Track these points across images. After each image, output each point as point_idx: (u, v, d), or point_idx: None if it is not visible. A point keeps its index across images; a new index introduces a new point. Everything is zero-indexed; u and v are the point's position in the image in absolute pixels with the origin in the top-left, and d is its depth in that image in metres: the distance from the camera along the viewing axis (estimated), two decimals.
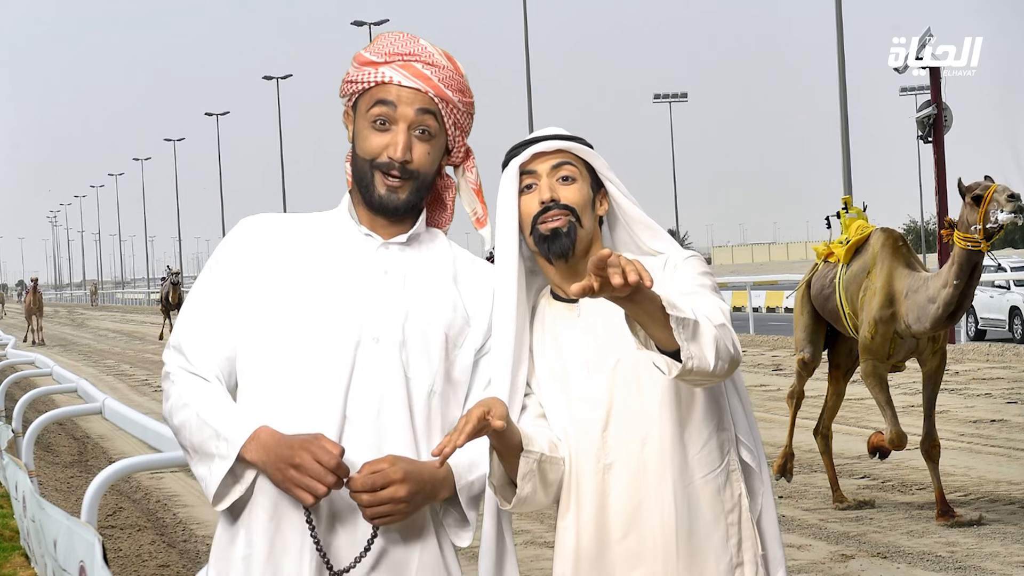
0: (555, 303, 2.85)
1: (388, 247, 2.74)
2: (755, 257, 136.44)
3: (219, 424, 2.59)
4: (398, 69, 2.72)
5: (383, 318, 2.66)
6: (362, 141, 2.73)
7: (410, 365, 2.66)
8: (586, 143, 2.84)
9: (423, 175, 2.72)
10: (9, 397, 11.71)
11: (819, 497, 8.99)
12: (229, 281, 2.72)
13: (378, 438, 2.60)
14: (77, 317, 60.53)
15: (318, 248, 2.74)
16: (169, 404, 2.68)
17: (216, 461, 2.58)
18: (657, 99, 78.65)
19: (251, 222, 2.80)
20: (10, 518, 8.78)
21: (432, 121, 2.72)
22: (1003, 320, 23.08)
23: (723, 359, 2.51)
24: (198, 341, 2.69)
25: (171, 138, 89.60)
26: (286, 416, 2.60)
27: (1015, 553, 7.23)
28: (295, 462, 2.50)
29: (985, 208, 7.60)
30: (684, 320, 2.43)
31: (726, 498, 2.74)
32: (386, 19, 52.37)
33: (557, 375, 2.79)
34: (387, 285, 2.70)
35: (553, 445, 2.75)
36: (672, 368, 2.45)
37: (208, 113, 76.61)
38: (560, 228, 2.74)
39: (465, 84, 2.79)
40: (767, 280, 33.51)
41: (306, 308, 2.66)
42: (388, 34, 2.79)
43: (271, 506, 2.59)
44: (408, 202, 2.72)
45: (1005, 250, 60.10)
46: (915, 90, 56.84)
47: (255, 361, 2.67)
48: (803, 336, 9.21)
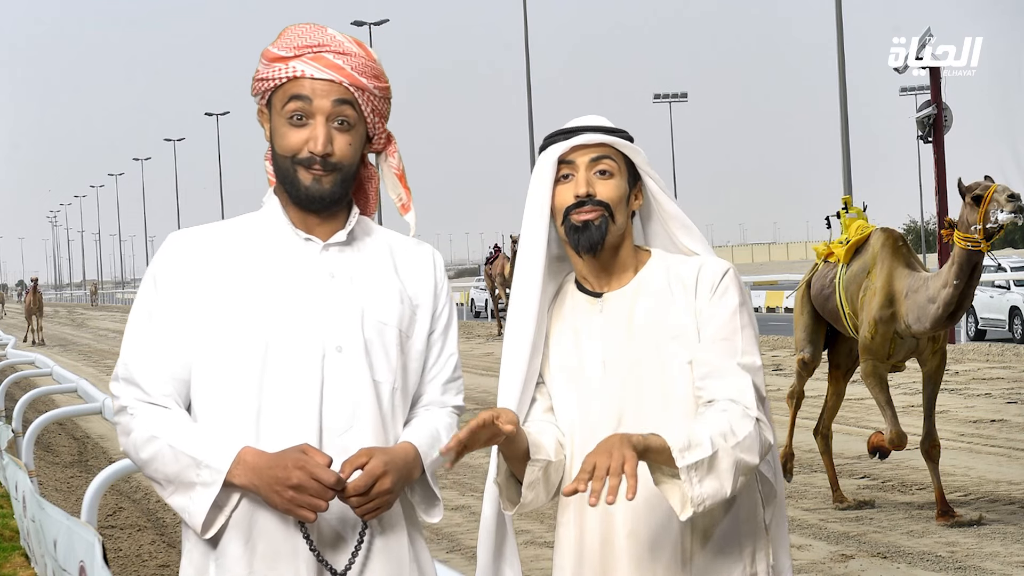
0: (579, 294, 2.82)
1: (329, 249, 2.69)
2: (755, 257, 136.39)
3: (196, 452, 2.52)
4: (309, 62, 2.65)
5: (341, 326, 2.63)
6: (280, 139, 2.66)
7: (375, 369, 2.65)
8: (628, 136, 2.79)
9: (347, 166, 2.66)
10: (9, 397, 11.72)
11: (819, 497, 8.99)
12: (172, 302, 2.63)
13: (353, 443, 2.60)
14: (77, 317, 60.52)
15: (260, 258, 2.66)
16: (131, 439, 2.59)
17: (198, 490, 2.52)
18: (657, 99, 78.59)
19: (182, 238, 2.70)
20: (10, 518, 8.78)
21: (350, 111, 2.66)
22: (1003, 320, 23.07)
23: (745, 474, 2.54)
24: (150, 369, 2.60)
25: (171, 138, 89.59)
26: (260, 436, 2.56)
27: (1015, 553, 7.23)
28: (292, 483, 2.46)
29: (985, 208, 7.60)
30: (697, 464, 2.46)
31: (741, 507, 2.71)
32: (386, 19, 52.36)
33: (572, 369, 2.76)
34: (336, 289, 2.66)
35: (559, 446, 2.73)
36: (685, 510, 2.48)
37: (208, 113, 76.57)
38: (592, 221, 2.71)
39: (379, 69, 2.71)
40: (767, 280, 33.54)
41: (262, 323, 2.60)
42: (294, 26, 2.72)
43: (243, 535, 2.56)
44: (334, 192, 2.65)
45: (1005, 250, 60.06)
46: (915, 90, 56.82)
47: (214, 381, 2.60)
48: (803, 336, 9.21)
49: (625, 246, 2.79)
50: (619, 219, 2.74)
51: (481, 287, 38.96)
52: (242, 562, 2.56)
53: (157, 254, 2.70)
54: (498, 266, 30.63)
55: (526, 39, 42.68)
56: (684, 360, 2.68)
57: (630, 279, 2.78)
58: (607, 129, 2.77)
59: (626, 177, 2.77)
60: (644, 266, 2.79)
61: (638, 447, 2.42)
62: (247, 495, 2.55)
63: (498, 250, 31.76)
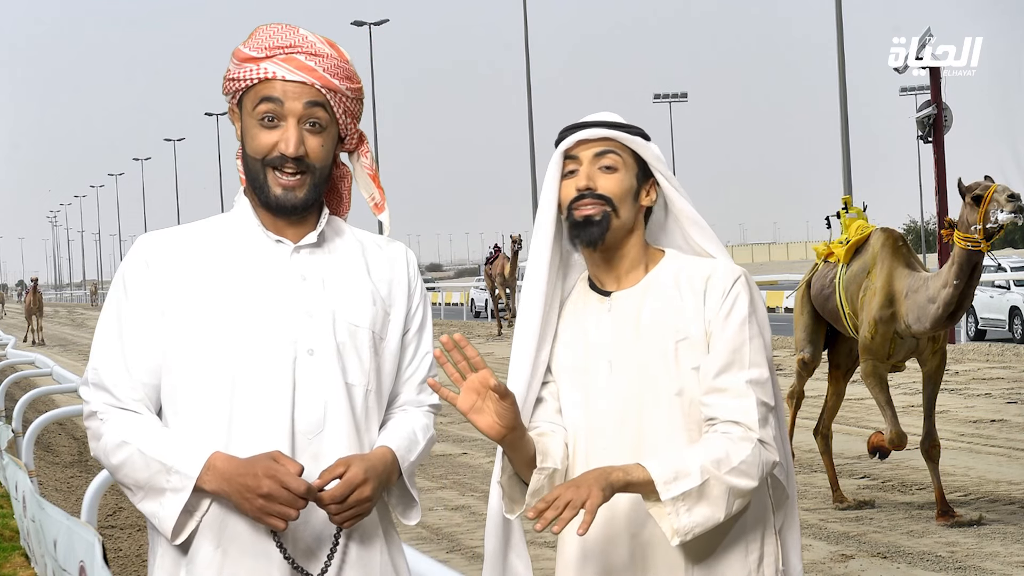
0: (590, 293, 2.81)
1: (300, 251, 2.67)
2: (755, 257, 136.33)
3: (166, 457, 2.51)
4: (280, 64, 2.62)
5: (313, 329, 2.61)
6: (251, 140, 2.63)
7: (348, 372, 2.64)
8: (640, 132, 2.78)
9: (320, 168, 2.64)
10: (9, 397, 11.72)
11: (819, 497, 8.99)
12: (142, 306, 2.60)
13: (325, 446, 2.59)
14: (77, 317, 60.51)
15: (231, 260, 2.64)
16: (101, 443, 2.57)
17: (168, 495, 2.51)
18: (657, 99, 78.59)
19: (151, 240, 2.68)
20: (10, 518, 8.78)
21: (322, 112, 2.63)
22: (1003, 320, 23.06)
23: (741, 497, 2.56)
24: (120, 373, 2.58)
25: (171, 138, 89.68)
26: (232, 440, 2.55)
27: (1015, 553, 7.23)
28: (263, 492, 2.45)
29: (985, 208, 7.60)
30: (684, 495, 2.50)
31: (749, 511, 2.69)
32: (386, 19, 52.39)
33: (579, 368, 2.75)
34: (308, 292, 2.64)
35: (566, 454, 2.72)
36: (675, 539, 2.52)
37: (208, 113, 76.57)
38: (592, 216, 2.70)
39: (352, 70, 2.69)
40: (767, 280, 33.50)
41: (233, 326, 2.58)
42: (266, 26, 2.69)
43: (214, 539, 2.55)
44: (307, 200, 2.64)
45: (1005, 250, 60.06)
46: (915, 90, 56.84)
47: (185, 385, 2.58)
48: (803, 336, 9.21)
49: (633, 244, 2.77)
50: (623, 214, 2.72)
51: (481, 287, 38.93)
52: (213, 566, 2.54)
53: (126, 257, 2.68)
54: (498, 266, 30.62)
55: (526, 39, 42.69)
56: (691, 365, 2.67)
57: (640, 278, 2.77)
58: (616, 124, 2.75)
59: (634, 172, 2.76)
60: (656, 266, 2.78)
61: (616, 485, 2.47)
62: (218, 500, 2.53)
63: (498, 250, 31.76)
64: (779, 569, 2.74)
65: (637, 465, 2.52)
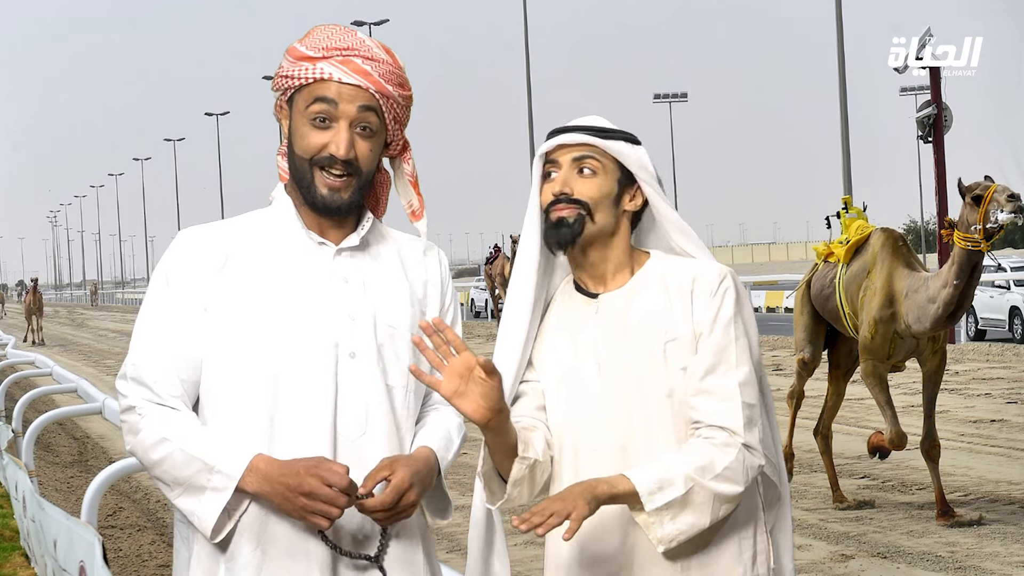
0: (576, 295, 2.82)
1: (342, 254, 2.68)
2: (755, 257, 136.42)
3: (209, 457, 2.51)
4: (337, 65, 2.62)
5: (355, 332, 2.62)
6: (300, 139, 2.63)
7: (388, 374, 2.65)
8: (625, 137, 2.77)
9: (366, 172, 2.65)
10: (9, 397, 11.72)
11: (819, 497, 8.99)
12: (184, 301, 2.59)
13: (366, 449, 2.60)
14: (77, 317, 60.51)
15: (275, 260, 2.64)
16: (139, 438, 2.56)
17: (208, 494, 2.51)
18: (657, 99, 78.60)
19: (194, 236, 2.66)
20: (10, 518, 8.78)
21: (373, 117, 2.64)
22: (1003, 320, 23.07)
23: (727, 502, 2.59)
24: (159, 369, 2.57)
25: (171, 138, 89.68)
26: (274, 442, 2.55)
27: (1015, 553, 7.23)
28: (305, 490, 2.45)
29: (985, 208, 7.60)
30: (668, 504, 2.53)
31: (739, 511, 2.69)
32: (386, 19, 52.35)
33: (567, 369, 2.75)
34: (350, 295, 2.65)
35: (547, 447, 2.72)
36: (660, 546, 2.56)
37: (208, 113, 76.63)
38: (566, 218, 2.71)
39: (404, 77, 2.71)
40: (767, 280, 33.55)
41: (277, 327, 2.58)
42: (323, 27, 2.70)
43: (254, 539, 2.55)
44: (351, 202, 2.65)
45: (1005, 250, 60.07)
46: (915, 90, 56.85)
47: (225, 384, 2.58)
48: (803, 336, 9.21)
49: (616, 246, 2.77)
50: (599, 219, 2.73)
51: (481, 287, 38.96)
52: (252, 566, 2.55)
53: (168, 252, 2.66)
54: (498, 266, 30.64)
55: (526, 39, 42.69)
56: (679, 365, 2.67)
57: (627, 280, 2.77)
58: (598, 130, 2.76)
59: (615, 177, 2.76)
60: (641, 267, 2.78)
61: (602, 498, 2.49)
62: (257, 500, 2.54)
63: (498, 250, 31.77)
64: (771, 567, 2.75)
65: (621, 476, 2.54)
